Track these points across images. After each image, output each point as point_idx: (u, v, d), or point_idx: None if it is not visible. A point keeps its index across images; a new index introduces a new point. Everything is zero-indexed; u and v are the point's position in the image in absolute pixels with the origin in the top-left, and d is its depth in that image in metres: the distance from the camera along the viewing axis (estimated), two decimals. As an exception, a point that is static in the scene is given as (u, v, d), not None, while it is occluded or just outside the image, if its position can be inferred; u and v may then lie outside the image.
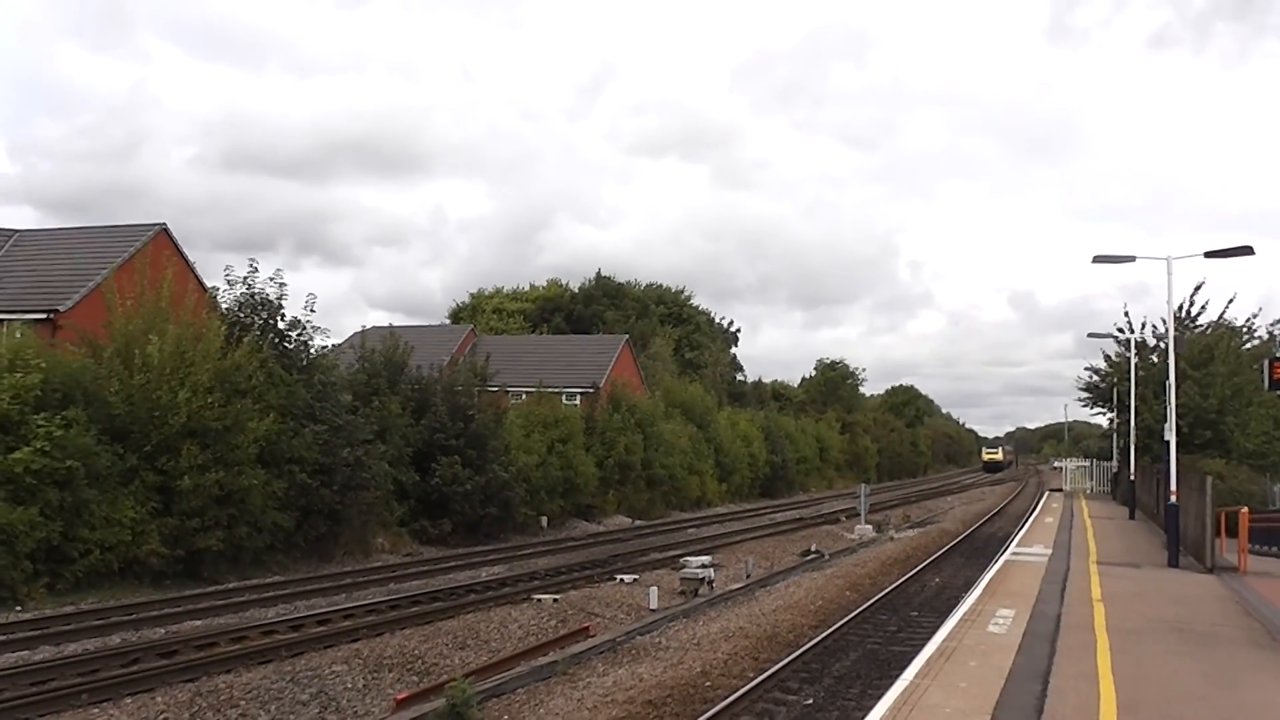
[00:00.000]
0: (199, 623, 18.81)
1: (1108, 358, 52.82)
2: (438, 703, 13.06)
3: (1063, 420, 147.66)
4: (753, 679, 14.98)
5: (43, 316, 32.15)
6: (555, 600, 21.32)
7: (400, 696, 13.76)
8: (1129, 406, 42.85)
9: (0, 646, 16.04)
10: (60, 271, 35.27)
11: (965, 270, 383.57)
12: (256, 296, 28.17)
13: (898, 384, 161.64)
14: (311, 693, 13.88)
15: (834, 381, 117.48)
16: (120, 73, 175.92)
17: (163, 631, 17.91)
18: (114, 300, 26.11)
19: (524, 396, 45.33)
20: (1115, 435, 56.27)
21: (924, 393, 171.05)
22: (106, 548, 21.46)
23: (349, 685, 14.46)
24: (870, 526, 40.83)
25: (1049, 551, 26.50)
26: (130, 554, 21.93)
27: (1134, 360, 42.51)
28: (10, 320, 30.55)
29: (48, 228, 43.00)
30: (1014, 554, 26.07)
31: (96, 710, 12.29)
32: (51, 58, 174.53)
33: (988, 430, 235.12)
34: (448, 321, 79.73)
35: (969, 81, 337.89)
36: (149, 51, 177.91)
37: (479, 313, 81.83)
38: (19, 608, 19.49)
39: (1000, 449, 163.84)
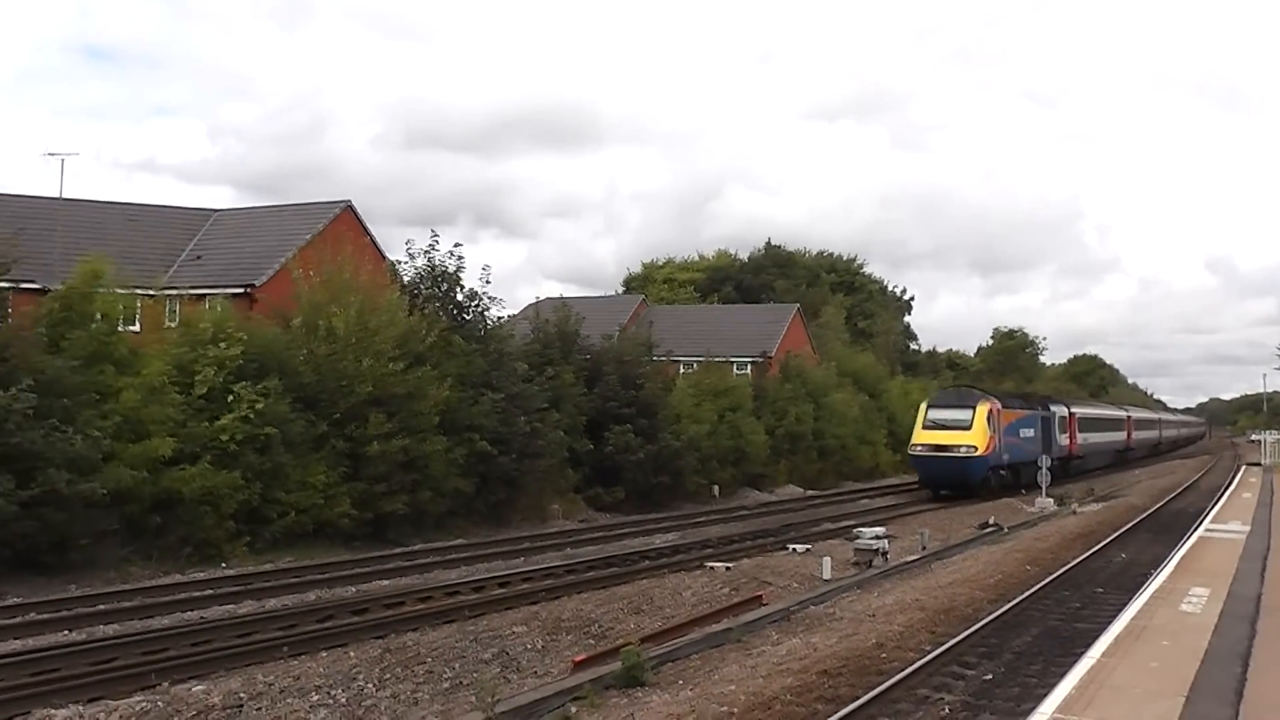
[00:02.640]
0: (386, 582, 19.67)
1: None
2: (614, 666, 13.31)
3: (1261, 390, 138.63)
4: (929, 652, 14.74)
5: (240, 291, 33.92)
6: (728, 568, 21.42)
7: (578, 659, 14.08)
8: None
9: (209, 600, 17.18)
10: (255, 248, 37.11)
11: (1157, 233, 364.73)
12: (436, 269, 29.09)
13: (1081, 353, 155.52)
14: (493, 652, 14.34)
15: (1012, 350, 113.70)
16: (307, 57, 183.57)
17: (354, 590, 18.82)
18: (301, 275, 27.38)
19: (694, 366, 45.50)
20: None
21: (1109, 362, 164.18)
22: (301, 510, 22.64)
23: (528, 646, 14.88)
24: (1051, 500, 39.49)
25: (1246, 529, 25.12)
26: (323, 516, 23.07)
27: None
28: (212, 295, 32.35)
29: (243, 207, 45.28)
30: (1208, 530, 24.83)
31: (295, 662, 12.98)
32: (245, 44, 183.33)
33: (1177, 401, 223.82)
34: (619, 292, 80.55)
35: (1159, 31, 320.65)
36: (334, 34, 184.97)
37: (650, 283, 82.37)
38: (224, 565, 20.80)
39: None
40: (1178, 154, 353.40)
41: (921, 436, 41.94)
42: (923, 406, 43.61)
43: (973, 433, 40.36)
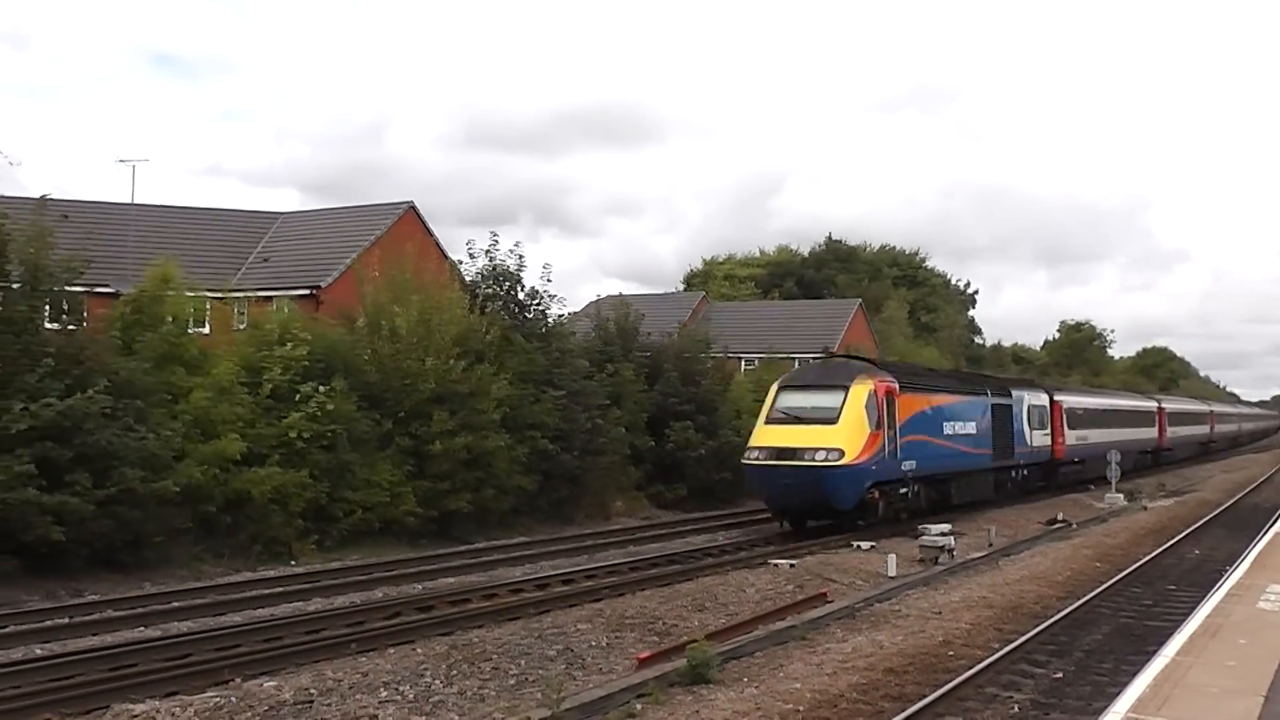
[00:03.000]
0: (452, 580, 19.85)
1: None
2: (678, 663, 13.31)
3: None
4: (997, 650, 14.57)
5: (306, 292, 34.43)
6: (791, 565, 21.31)
7: (642, 656, 14.10)
8: None
9: (279, 598, 17.46)
10: (320, 250, 37.66)
11: (1228, 222, 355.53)
12: (498, 268, 29.32)
13: (1150, 345, 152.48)
14: (558, 649, 14.40)
15: (1079, 343, 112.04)
16: (367, 59, 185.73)
17: (420, 587, 19.01)
18: (365, 275, 27.72)
19: (755, 363, 45.32)
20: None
21: (1179, 354, 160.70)
22: (367, 508, 22.91)
23: (593, 643, 14.91)
24: (1121, 495, 38.82)
25: (1326, 524, 24.51)
26: (389, 514, 23.33)
27: None
28: (279, 296, 32.87)
29: (308, 209, 45.97)
30: (1285, 526, 24.25)
31: (363, 659, 13.14)
32: (308, 48, 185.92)
33: (1250, 394, 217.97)
34: (680, 289, 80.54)
35: (1229, 12, 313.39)
36: (395, 35, 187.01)
37: (710, 279, 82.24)
38: (293, 562, 21.14)
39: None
40: (1248, 140, 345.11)
41: (763, 436, 26.70)
42: (773, 388, 28.19)
43: (839, 428, 25.63)
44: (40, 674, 12.15)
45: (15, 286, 19.35)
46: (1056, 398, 41.46)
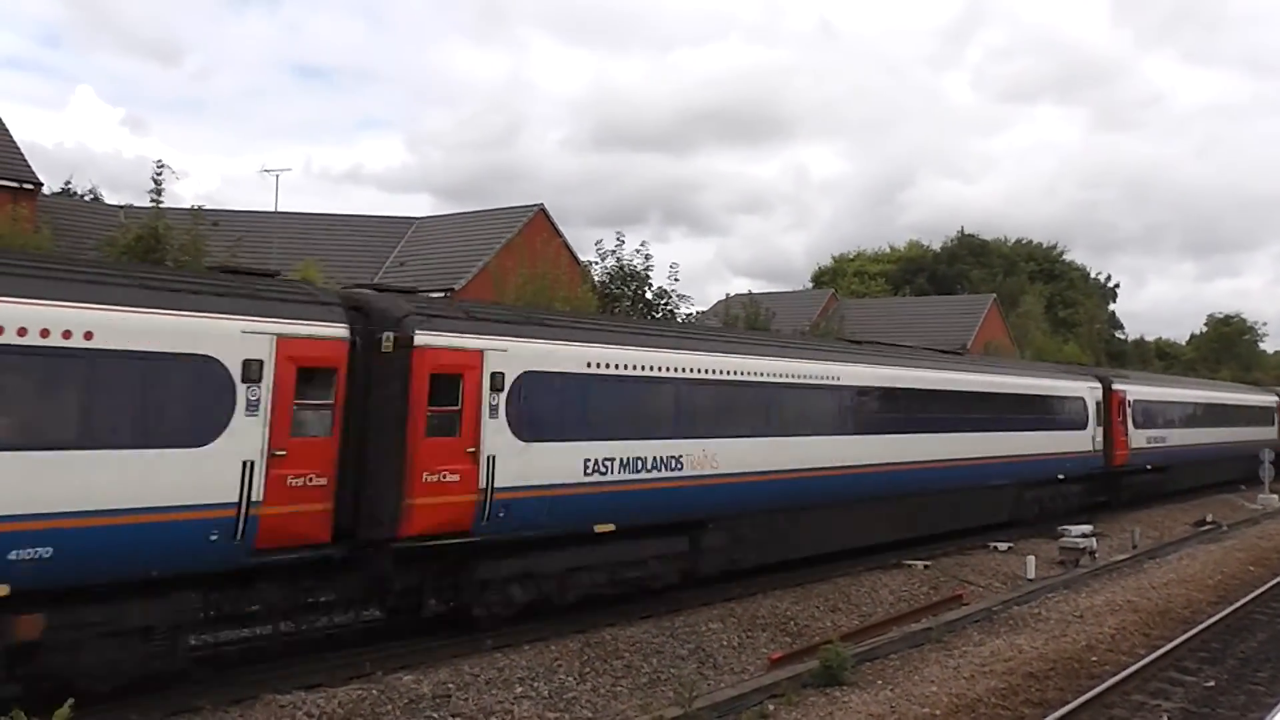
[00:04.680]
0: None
1: None
2: (811, 664, 13.24)
3: None
4: (1144, 656, 14.11)
5: (441, 295, 35.21)
6: (926, 566, 20.96)
7: (775, 656, 14.06)
8: None
9: (417, 593, 17.79)
10: (454, 253, 38.50)
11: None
12: (625, 268, 29.55)
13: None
14: (690, 648, 14.46)
15: (1228, 337, 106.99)
16: (499, 63, 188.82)
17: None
18: (500, 278, 28.23)
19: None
20: None
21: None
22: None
23: (725, 643, 14.93)
24: (1276, 496, 37.10)
25: None
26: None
27: None
28: (413, 299, 33.64)
29: (442, 214, 47.05)
30: None
31: (499, 654, 13.37)
32: (440, 54, 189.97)
33: None
34: (808, 287, 79.88)
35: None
36: (524, 41, 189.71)
37: (840, 276, 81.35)
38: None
39: None
40: None
41: None
42: None
43: None
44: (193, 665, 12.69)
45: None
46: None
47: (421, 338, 12.86)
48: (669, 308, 30.23)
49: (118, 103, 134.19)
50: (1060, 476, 28.59)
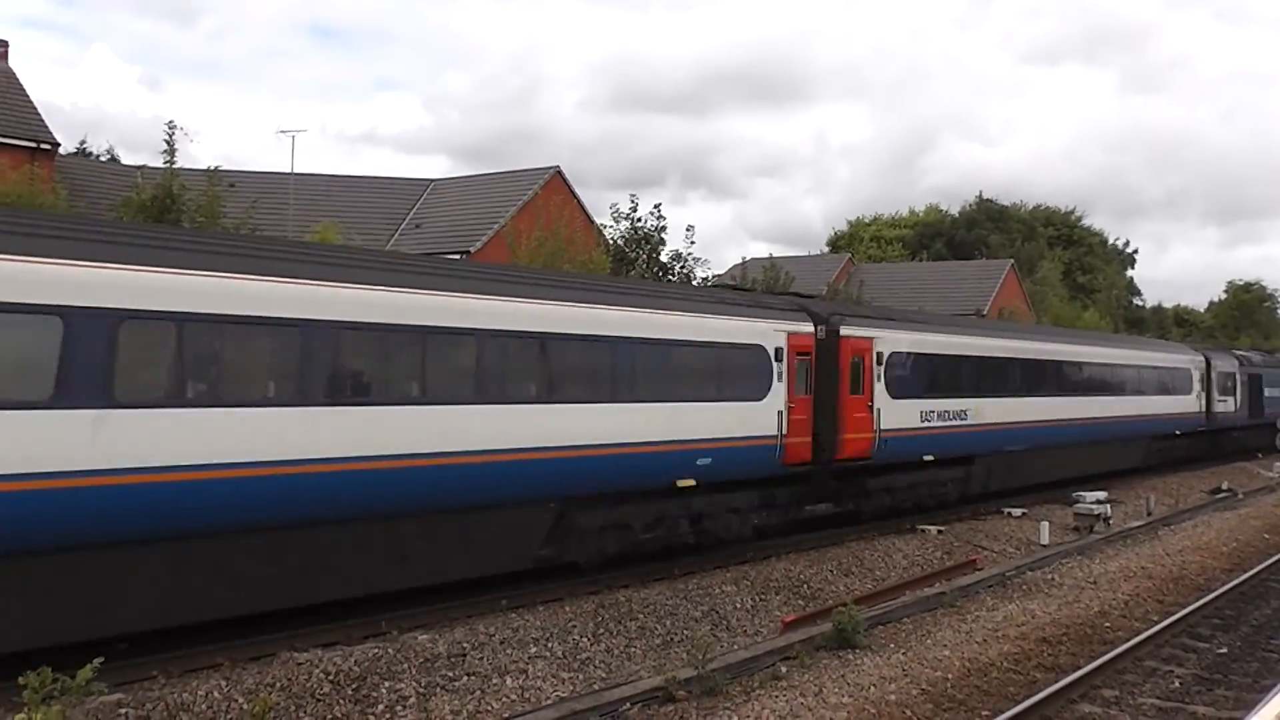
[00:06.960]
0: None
1: None
2: (824, 627, 13.29)
3: None
4: (1157, 622, 14.11)
5: (457, 256, 35.21)
6: (940, 531, 21.00)
7: (788, 619, 14.13)
8: None
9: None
10: (471, 215, 38.47)
11: None
12: (639, 231, 29.43)
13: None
14: (703, 610, 14.53)
15: (1248, 305, 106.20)
16: (518, 24, 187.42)
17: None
18: (515, 240, 28.18)
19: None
20: None
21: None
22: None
23: (738, 605, 15.00)
24: (1293, 464, 36.96)
25: None
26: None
27: None
28: (429, 261, 33.67)
29: (459, 175, 46.95)
30: None
31: (514, 615, 13.48)
32: (458, 15, 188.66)
33: None
34: (826, 250, 79.56)
35: None
36: (542, 0, 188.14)
37: (857, 240, 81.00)
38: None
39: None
40: None
41: None
42: None
43: None
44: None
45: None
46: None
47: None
48: (685, 271, 30.13)
49: (134, 62, 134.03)
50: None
